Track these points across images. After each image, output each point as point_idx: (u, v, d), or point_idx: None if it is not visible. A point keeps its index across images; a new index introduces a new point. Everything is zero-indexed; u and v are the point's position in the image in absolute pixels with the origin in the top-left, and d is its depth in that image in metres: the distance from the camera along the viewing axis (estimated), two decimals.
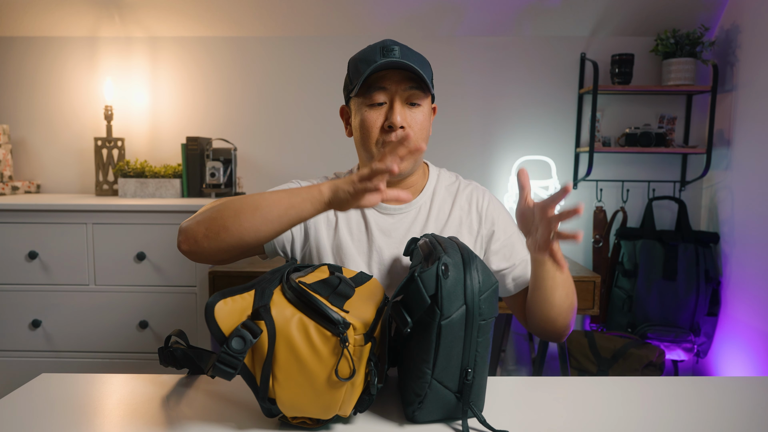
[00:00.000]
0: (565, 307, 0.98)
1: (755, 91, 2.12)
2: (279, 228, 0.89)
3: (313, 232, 1.07)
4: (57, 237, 1.91)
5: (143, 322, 1.92)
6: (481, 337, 0.75)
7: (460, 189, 1.12)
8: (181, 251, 0.94)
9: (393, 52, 0.98)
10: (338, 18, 2.34)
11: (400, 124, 0.98)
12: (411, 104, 1.01)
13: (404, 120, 0.99)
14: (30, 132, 2.45)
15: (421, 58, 1.02)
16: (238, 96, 2.44)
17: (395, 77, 0.99)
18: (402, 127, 0.99)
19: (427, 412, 0.77)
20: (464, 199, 1.11)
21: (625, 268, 2.34)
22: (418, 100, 1.01)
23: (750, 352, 2.13)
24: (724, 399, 0.87)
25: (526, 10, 2.29)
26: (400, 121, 0.98)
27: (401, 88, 0.99)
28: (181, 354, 0.91)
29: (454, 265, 0.74)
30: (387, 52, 0.98)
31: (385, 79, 0.99)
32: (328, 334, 0.69)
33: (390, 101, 1.00)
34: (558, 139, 2.45)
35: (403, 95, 1.00)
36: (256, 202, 0.89)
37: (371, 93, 1.00)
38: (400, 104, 0.99)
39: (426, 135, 1.03)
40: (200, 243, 0.91)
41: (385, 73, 0.99)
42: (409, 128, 1.00)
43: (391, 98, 1.00)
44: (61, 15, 2.32)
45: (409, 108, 1.01)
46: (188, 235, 0.91)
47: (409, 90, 0.99)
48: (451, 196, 1.11)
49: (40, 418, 0.78)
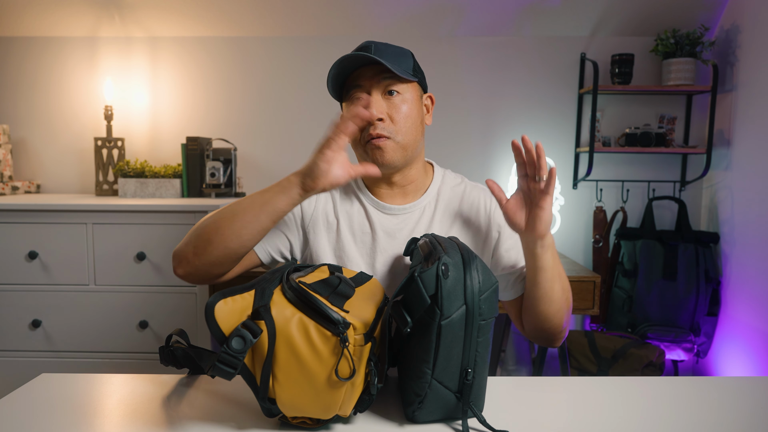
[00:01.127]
0: (562, 302, 0.98)
1: (755, 91, 2.12)
2: (259, 228, 0.92)
3: (313, 236, 1.06)
4: (57, 237, 1.91)
5: (143, 322, 1.92)
6: (481, 337, 0.75)
7: (467, 191, 1.11)
8: (177, 276, 0.98)
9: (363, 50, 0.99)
10: (338, 18, 2.34)
11: (377, 115, 0.98)
12: (389, 93, 1.00)
13: (382, 111, 0.99)
14: (30, 132, 2.45)
15: (398, 50, 1.01)
16: (238, 96, 2.44)
17: (369, 73, 1.00)
18: (380, 119, 0.98)
19: (427, 412, 0.77)
20: (472, 202, 1.09)
21: (625, 268, 2.34)
22: (396, 88, 1.00)
23: (750, 352, 2.13)
24: (724, 399, 0.87)
25: (526, 10, 2.29)
26: (376, 113, 0.98)
27: (375, 81, 0.99)
28: (181, 353, 0.91)
29: (454, 265, 0.74)
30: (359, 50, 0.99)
31: (360, 77, 1.00)
32: (328, 334, 0.69)
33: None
34: (558, 139, 2.45)
35: (379, 87, 1.00)
36: (232, 210, 0.93)
37: (350, 93, 1.02)
38: (380, 96, 1.00)
39: (412, 125, 1.01)
40: (192, 262, 0.95)
41: (360, 71, 1.00)
42: (391, 119, 1.00)
43: (369, 93, 1.00)
44: (61, 15, 2.32)
45: (389, 98, 1.00)
46: (180, 258, 0.96)
47: (384, 80, 0.99)
48: (458, 198, 1.10)
49: (40, 418, 0.78)
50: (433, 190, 1.09)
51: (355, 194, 1.09)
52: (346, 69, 1.00)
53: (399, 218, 1.07)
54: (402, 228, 1.06)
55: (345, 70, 1.00)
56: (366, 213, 1.07)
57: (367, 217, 1.07)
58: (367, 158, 1.03)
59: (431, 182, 1.10)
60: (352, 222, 1.07)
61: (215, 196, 2.20)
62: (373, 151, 1.00)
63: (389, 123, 1.00)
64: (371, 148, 1.00)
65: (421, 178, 1.09)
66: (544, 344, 1.03)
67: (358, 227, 1.06)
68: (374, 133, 0.99)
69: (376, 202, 1.07)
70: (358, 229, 1.06)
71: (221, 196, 2.21)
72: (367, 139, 1.01)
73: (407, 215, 1.07)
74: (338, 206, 1.08)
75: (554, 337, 1.01)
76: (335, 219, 1.07)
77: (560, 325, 1.00)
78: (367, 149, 1.02)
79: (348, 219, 1.07)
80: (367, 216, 1.07)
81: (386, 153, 1.00)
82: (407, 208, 1.07)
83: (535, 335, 1.02)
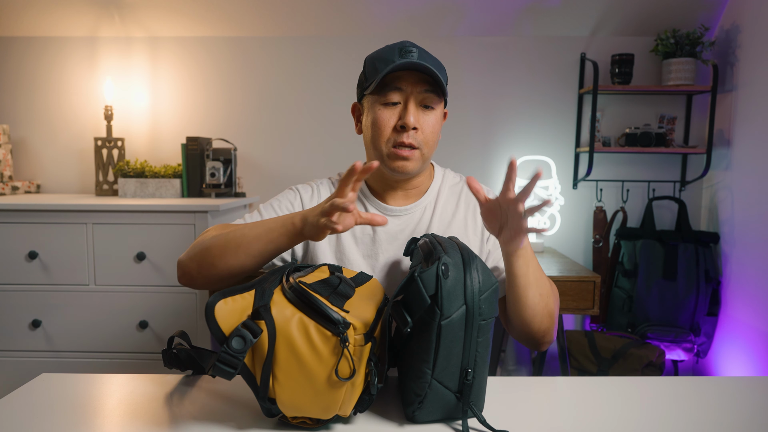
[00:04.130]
0: (539, 309, 0.95)
1: (755, 91, 2.12)
2: (262, 261, 0.93)
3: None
4: (57, 237, 1.91)
5: (143, 322, 1.92)
6: (481, 337, 0.75)
7: (465, 189, 1.12)
8: (181, 284, 1.00)
9: (411, 53, 0.98)
10: (338, 18, 2.34)
11: (413, 125, 0.98)
12: (425, 107, 1.00)
13: (417, 122, 0.99)
14: (30, 132, 2.45)
15: (438, 62, 1.01)
16: (238, 96, 2.44)
17: (411, 78, 0.99)
18: (415, 128, 0.99)
19: (427, 412, 0.77)
20: (469, 200, 1.10)
21: (625, 268, 2.34)
22: (432, 104, 1.00)
23: (750, 352, 2.13)
24: (724, 399, 0.87)
25: (526, 10, 2.29)
26: (413, 122, 0.98)
27: (417, 89, 0.99)
28: (185, 355, 0.91)
29: (454, 265, 0.74)
30: (405, 54, 0.98)
31: (402, 80, 0.99)
32: (328, 334, 0.69)
33: (405, 102, 1.00)
34: (558, 139, 2.45)
35: (418, 97, 0.99)
36: (237, 241, 0.92)
37: (387, 92, 1.00)
38: (415, 106, 0.99)
39: (436, 139, 1.03)
40: (195, 279, 0.97)
41: (402, 74, 0.99)
42: (421, 130, 1.00)
43: (406, 99, 0.99)
44: (61, 15, 2.32)
45: (423, 110, 1.00)
46: (184, 271, 0.98)
47: (425, 93, 0.99)
48: (456, 197, 1.11)
49: (40, 418, 0.78)
50: (434, 190, 1.10)
51: (357, 197, 1.10)
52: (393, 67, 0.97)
53: (401, 219, 1.07)
54: (404, 229, 1.07)
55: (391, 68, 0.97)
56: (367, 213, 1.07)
57: None
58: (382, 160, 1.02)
59: (432, 183, 1.11)
60: None
61: (215, 196, 2.20)
62: (396, 159, 1.00)
63: (420, 133, 1.00)
64: (395, 155, 1.00)
65: (425, 181, 1.10)
66: (529, 347, 1.02)
67: (359, 229, 1.07)
68: (407, 141, 0.99)
69: (379, 204, 1.08)
70: (359, 231, 1.07)
71: (221, 196, 2.21)
72: (394, 144, 1.00)
73: (409, 216, 1.08)
74: None
75: (537, 341, 0.99)
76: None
77: (539, 331, 0.97)
78: (390, 154, 1.00)
79: None
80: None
81: (410, 163, 1.00)
82: (409, 209, 1.08)
83: (519, 337, 1.01)
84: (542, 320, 0.96)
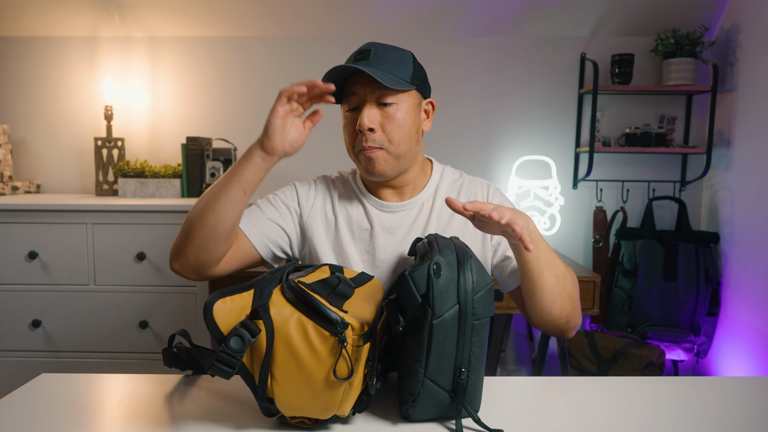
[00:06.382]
0: (557, 291, 0.94)
1: (755, 91, 2.12)
2: (231, 200, 0.93)
3: (311, 233, 1.08)
4: (57, 237, 1.91)
5: (143, 322, 1.92)
6: (476, 337, 0.74)
7: (464, 185, 1.12)
8: (174, 272, 1.00)
9: (363, 54, 0.98)
10: (338, 18, 2.34)
11: (366, 126, 0.98)
12: (383, 104, 1.00)
13: (374, 122, 0.99)
14: (30, 132, 2.45)
15: (397, 56, 1.00)
16: (238, 96, 2.44)
17: (363, 81, 0.99)
18: (371, 129, 0.98)
19: (420, 410, 0.77)
20: (469, 195, 1.10)
21: (625, 268, 2.34)
22: (388, 99, 0.99)
23: (750, 352, 2.12)
24: (724, 399, 0.87)
25: (526, 10, 2.29)
26: (367, 124, 0.98)
27: (369, 90, 0.99)
28: (185, 354, 0.91)
29: (447, 264, 0.74)
30: (358, 57, 0.99)
31: (355, 84, 1.00)
32: (326, 334, 0.69)
33: (361, 105, 1.00)
34: (558, 139, 2.45)
35: (372, 97, 0.99)
36: (208, 191, 0.96)
37: (346, 99, 1.02)
38: (370, 107, 0.99)
39: (406, 133, 1.01)
40: (183, 252, 0.96)
41: (356, 77, 1.00)
42: (382, 129, 0.99)
43: (362, 102, 1.00)
44: (61, 15, 2.32)
45: (382, 109, 1.00)
46: (173, 252, 0.98)
47: (377, 91, 0.99)
48: (455, 193, 1.11)
49: (40, 418, 0.78)
50: (431, 187, 1.10)
51: (355, 193, 1.11)
52: (339, 76, 0.99)
53: (397, 215, 1.08)
54: (401, 224, 1.07)
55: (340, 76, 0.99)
56: (365, 210, 1.08)
57: (366, 214, 1.08)
58: (361, 167, 1.04)
59: (429, 179, 1.11)
60: (350, 219, 1.08)
61: None
62: (366, 161, 1.01)
63: (381, 134, 0.99)
64: (363, 158, 1.01)
65: (419, 178, 1.10)
66: (555, 335, 1.01)
67: (356, 224, 1.08)
68: (366, 145, 0.99)
69: (375, 200, 1.09)
70: (356, 225, 1.08)
71: None
72: (359, 149, 1.01)
73: (405, 212, 1.08)
74: (337, 204, 1.10)
75: (561, 327, 0.98)
76: (333, 216, 1.09)
77: (561, 316, 0.96)
78: (360, 158, 1.02)
79: (346, 216, 1.09)
80: (366, 213, 1.08)
81: (377, 164, 1.00)
82: (405, 205, 1.08)
83: (543, 326, 1.00)
84: (562, 303, 0.95)
